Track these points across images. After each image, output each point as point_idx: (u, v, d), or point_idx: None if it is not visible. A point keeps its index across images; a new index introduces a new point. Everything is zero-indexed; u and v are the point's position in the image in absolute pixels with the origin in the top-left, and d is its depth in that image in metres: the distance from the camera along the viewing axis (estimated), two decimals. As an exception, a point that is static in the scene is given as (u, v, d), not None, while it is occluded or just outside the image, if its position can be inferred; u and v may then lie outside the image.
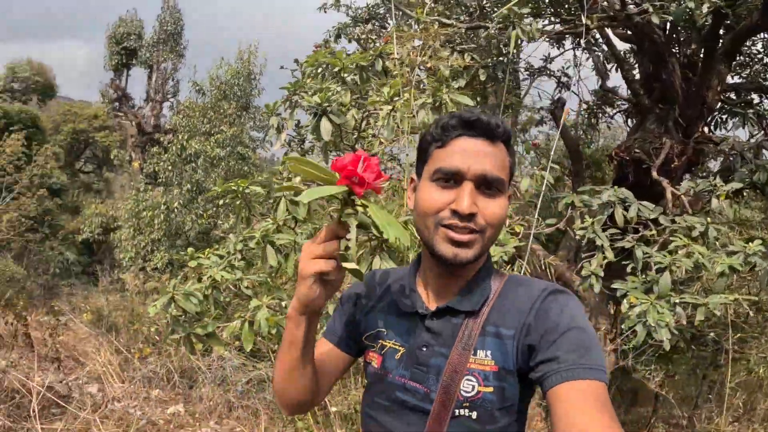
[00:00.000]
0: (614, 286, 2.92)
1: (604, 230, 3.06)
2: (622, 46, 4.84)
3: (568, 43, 5.37)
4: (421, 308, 0.93)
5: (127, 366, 4.31)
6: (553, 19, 3.90)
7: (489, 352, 0.86)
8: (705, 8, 2.37)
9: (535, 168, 3.48)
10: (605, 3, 3.08)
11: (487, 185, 0.87)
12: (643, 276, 2.98)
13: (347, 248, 0.88)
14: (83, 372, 4.29)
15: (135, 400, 3.67)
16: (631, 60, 5.04)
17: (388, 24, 4.48)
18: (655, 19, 2.70)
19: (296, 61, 2.78)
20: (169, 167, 8.56)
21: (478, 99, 3.46)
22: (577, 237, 3.04)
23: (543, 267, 3.49)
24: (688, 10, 2.46)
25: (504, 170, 0.89)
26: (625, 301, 2.73)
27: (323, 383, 1.03)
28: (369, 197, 0.83)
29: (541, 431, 3.49)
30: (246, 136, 9.81)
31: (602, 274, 2.91)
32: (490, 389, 0.85)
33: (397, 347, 0.95)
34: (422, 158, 0.94)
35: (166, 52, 12.92)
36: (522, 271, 2.68)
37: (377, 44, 3.41)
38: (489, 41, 2.86)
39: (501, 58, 3.08)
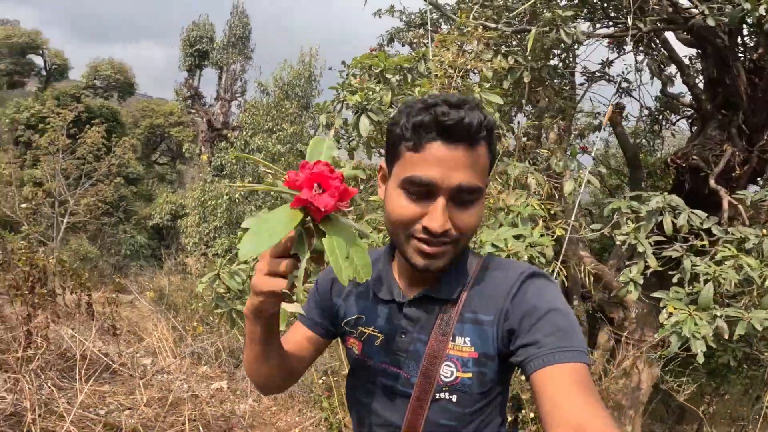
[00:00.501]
0: (655, 295, 2.85)
1: (649, 238, 2.99)
2: (686, 51, 4.65)
3: (629, 47, 5.21)
4: (398, 296, 0.92)
5: (181, 342, 4.62)
6: (608, 21, 3.82)
7: (468, 339, 0.86)
8: (763, 9, 2.27)
9: (581, 172, 3.44)
10: (658, 6, 3.00)
11: (462, 197, 0.81)
12: (690, 287, 2.89)
13: (293, 286, 0.76)
14: (140, 345, 4.64)
15: (183, 373, 3.95)
16: (696, 65, 4.82)
17: (441, 29, 4.55)
18: (711, 22, 2.61)
19: (343, 63, 2.93)
20: (233, 161, 9.04)
21: (523, 102, 3.46)
22: (618, 243, 2.98)
23: (584, 273, 3.43)
24: (744, 12, 2.37)
25: (483, 175, 0.83)
26: (664, 310, 2.66)
27: (298, 366, 1.03)
28: (334, 218, 0.74)
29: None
30: (306, 134, 10.18)
31: (641, 281, 2.84)
32: (469, 375, 0.86)
33: (376, 334, 0.94)
34: (392, 153, 0.85)
35: (234, 54, 13.63)
36: (555, 274, 2.67)
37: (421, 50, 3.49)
38: (534, 44, 2.87)
39: (550, 62, 3.08)
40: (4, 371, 3.17)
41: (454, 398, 0.86)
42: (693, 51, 4.71)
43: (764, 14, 2.24)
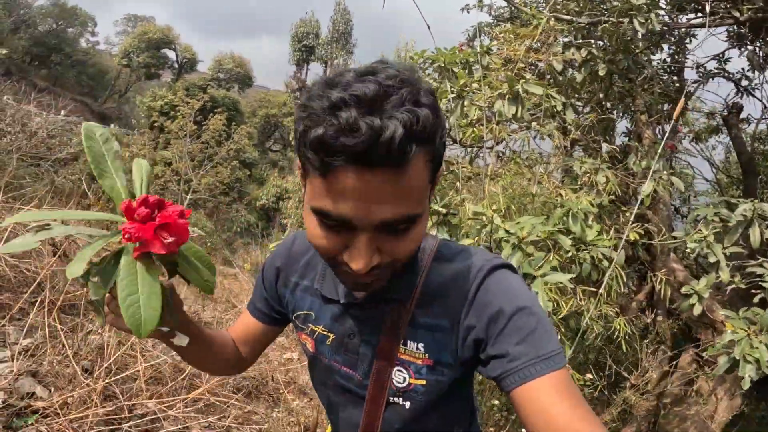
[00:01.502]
0: (721, 312, 2.61)
1: (726, 248, 2.72)
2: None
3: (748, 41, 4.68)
4: (343, 297, 0.84)
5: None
6: (698, 12, 3.49)
7: (421, 345, 0.79)
8: None
9: (664, 172, 3.22)
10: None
11: (392, 228, 0.64)
12: (779, 308, 2.60)
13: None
14: (232, 313, 5.15)
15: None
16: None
17: (529, 23, 4.47)
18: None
19: (411, 57, 3.03)
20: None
21: (602, 96, 3.31)
22: (688, 251, 2.76)
23: (664, 287, 3.17)
24: None
25: (419, 197, 0.64)
26: (727, 330, 2.42)
27: (249, 354, 1.01)
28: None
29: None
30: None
31: (707, 294, 2.62)
32: (423, 382, 0.79)
33: (326, 333, 0.88)
34: (299, 156, 0.65)
35: (337, 49, 14.27)
36: (607, 276, 2.57)
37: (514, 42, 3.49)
38: (610, 36, 2.75)
39: (628, 54, 2.92)
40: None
41: (408, 405, 0.81)
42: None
43: None
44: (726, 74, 5.08)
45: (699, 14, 3.42)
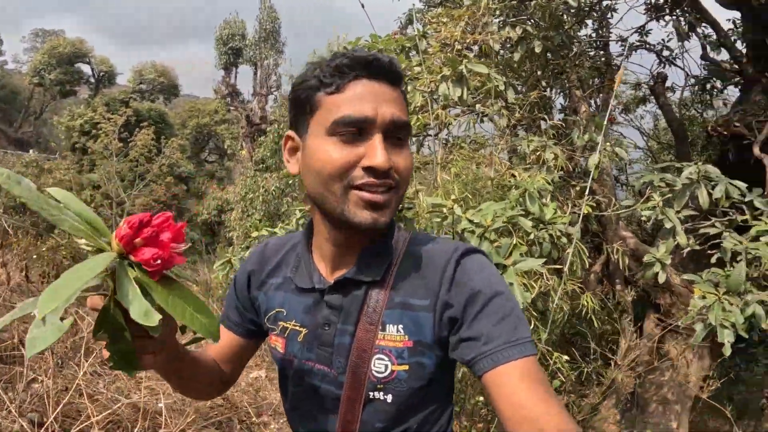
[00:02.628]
0: (685, 277, 2.64)
1: (678, 213, 2.76)
2: (728, 14, 4.27)
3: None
4: (319, 283, 0.83)
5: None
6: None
7: (400, 326, 0.78)
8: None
9: (608, 144, 3.23)
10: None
11: (395, 134, 0.76)
12: (731, 266, 2.65)
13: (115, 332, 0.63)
14: (184, 337, 4.86)
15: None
16: (737, 28, 4.43)
17: (460, 8, 4.41)
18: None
19: (345, 47, 2.87)
20: (268, 154, 9.22)
21: (539, 73, 3.29)
22: (643, 219, 2.78)
23: (619, 255, 3.20)
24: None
25: (407, 113, 0.80)
26: (694, 295, 2.45)
27: (230, 372, 0.97)
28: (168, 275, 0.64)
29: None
30: (341, 124, 10.25)
31: (669, 260, 2.63)
32: (405, 367, 0.77)
33: (298, 328, 0.85)
34: (305, 110, 0.79)
35: (266, 49, 13.85)
36: (570, 253, 2.53)
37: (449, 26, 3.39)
38: (543, 12, 2.71)
39: (560, 30, 2.90)
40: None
41: (389, 398, 0.78)
42: (733, 13, 4.32)
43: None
44: (648, 46, 5.26)
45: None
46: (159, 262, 0.61)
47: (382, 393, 0.78)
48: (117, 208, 11.38)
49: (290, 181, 9.15)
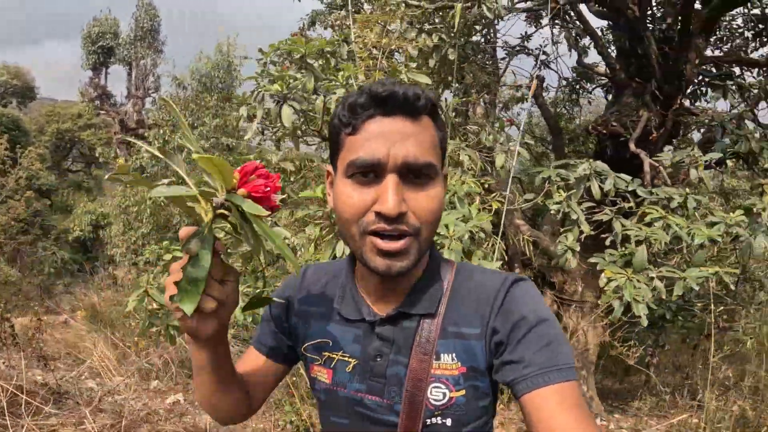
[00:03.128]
0: (592, 260, 2.93)
1: (581, 204, 3.07)
2: (599, 23, 4.80)
3: (545, 21, 5.34)
4: (369, 315, 0.82)
5: (125, 360, 4.35)
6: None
7: (454, 355, 0.79)
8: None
9: (510, 144, 3.47)
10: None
11: (414, 174, 0.73)
12: (623, 249, 3.00)
13: (190, 279, 0.66)
14: (82, 368, 4.34)
15: (134, 392, 3.71)
16: (608, 36, 5.01)
17: (363, 10, 4.43)
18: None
19: (260, 50, 2.74)
20: (152, 161, 8.52)
21: (450, 78, 3.43)
22: (552, 212, 3.03)
23: (523, 242, 3.49)
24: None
25: (433, 150, 0.75)
26: (603, 275, 2.74)
27: (256, 394, 0.94)
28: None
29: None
30: (230, 126, 9.75)
31: (578, 248, 2.91)
32: (462, 392, 0.78)
33: (347, 359, 0.84)
34: (334, 148, 0.79)
35: (144, 48, 12.75)
36: (497, 249, 2.68)
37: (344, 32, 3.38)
38: (458, 21, 2.82)
39: (471, 38, 3.05)
40: None
41: (449, 422, 0.78)
42: (604, 23, 4.88)
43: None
44: (527, 51, 5.74)
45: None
46: (268, 189, 0.67)
47: (440, 418, 0.78)
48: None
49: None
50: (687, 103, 4.62)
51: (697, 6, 4.01)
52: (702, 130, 4.75)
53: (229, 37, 9.30)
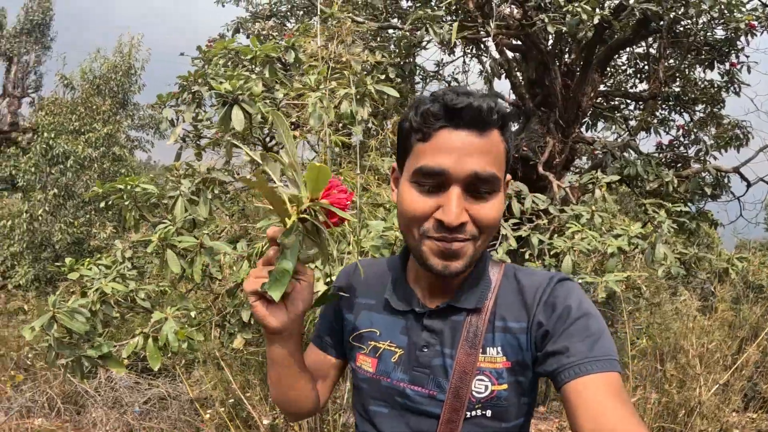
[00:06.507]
0: (518, 271, 3.15)
1: (505, 221, 3.30)
2: (509, 54, 5.24)
3: (458, 50, 5.70)
4: (418, 306, 0.85)
5: (1, 397, 3.74)
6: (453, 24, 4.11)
7: (499, 348, 0.81)
8: (596, 20, 2.64)
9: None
10: (504, 12, 3.31)
11: (477, 185, 0.75)
12: (540, 261, 3.26)
13: (280, 272, 0.74)
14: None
15: (16, 433, 3.20)
16: (516, 68, 5.48)
17: (290, 22, 4.40)
18: (551, 29, 2.95)
19: (199, 48, 2.60)
20: (32, 169, 7.55)
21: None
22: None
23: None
24: (580, 21, 2.72)
25: (499, 163, 0.77)
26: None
27: (322, 389, 0.97)
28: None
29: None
30: (122, 136, 8.97)
31: (509, 260, 3.11)
32: (505, 386, 0.80)
33: (393, 349, 0.86)
34: (402, 149, 0.82)
35: (29, 43, 11.35)
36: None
37: (279, 41, 3.34)
38: (399, 42, 2.92)
39: (408, 59, 3.17)
40: None
41: (489, 413, 0.80)
42: (514, 54, 5.33)
43: (595, 23, 2.60)
44: (440, 77, 6.08)
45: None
46: (348, 202, 0.74)
47: (480, 410, 0.80)
48: None
49: (60, 204, 7.62)
50: (582, 131, 5.18)
51: (597, 46, 4.55)
52: (589, 157, 5.35)
53: (132, 37, 8.63)
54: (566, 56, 4.61)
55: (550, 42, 4.30)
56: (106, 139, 8.12)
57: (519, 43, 4.35)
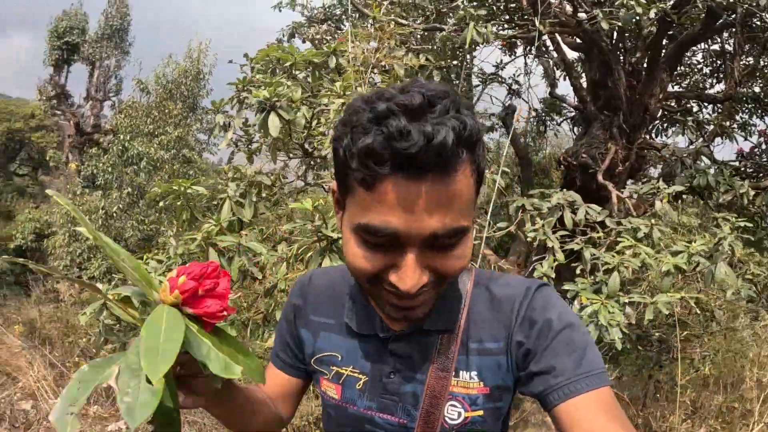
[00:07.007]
0: (565, 287, 2.97)
1: (553, 233, 3.11)
2: (571, 54, 4.99)
3: (519, 50, 5.50)
4: (382, 331, 0.77)
5: (63, 381, 4.06)
6: (506, 24, 3.96)
7: (473, 373, 0.75)
8: (652, 13, 2.44)
9: (486, 172, 3.50)
10: (558, 9, 3.14)
11: (441, 242, 0.62)
12: (592, 277, 3.05)
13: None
14: (16, 388, 4.01)
15: (73, 417, 3.44)
16: (579, 68, 5.21)
17: (344, 25, 4.42)
18: (605, 25, 2.76)
19: (246, 56, 2.66)
20: (109, 169, 8.13)
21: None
22: (528, 239, 3.06)
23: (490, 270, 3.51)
24: (636, 16, 2.53)
25: (467, 207, 0.63)
26: (575, 302, 2.77)
27: (285, 408, 0.92)
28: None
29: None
30: (192, 139, 9.46)
31: (553, 275, 2.94)
32: (480, 413, 0.75)
33: (356, 375, 0.80)
34: (340, 179, 0.66)
35: (110, 48, 12.31)
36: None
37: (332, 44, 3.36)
38: (444, 43, 2.84)
39: (455, 62, 3.08)
40: None
41: None
42: (576, 54, 5.07)
43: (654, 17, 2.41)
44: (500, 79, 5.89)
45: (502, 26, 3.83)
46: (225, 314, 0.60)
47: None
48: None
49: (133, 202, 8.15)
50: (649, 137, 4.83)
51: (665, 41, 4.23)
52: (660, 165, 4.97)
53: (201, 43, 9.10)
54: (631, 55, 4.31)
55: (613, 39, 4.04)
56: (177, 141, 8.61)
57: (579, 41, 4.13)
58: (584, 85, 4.73)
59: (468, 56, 5.16)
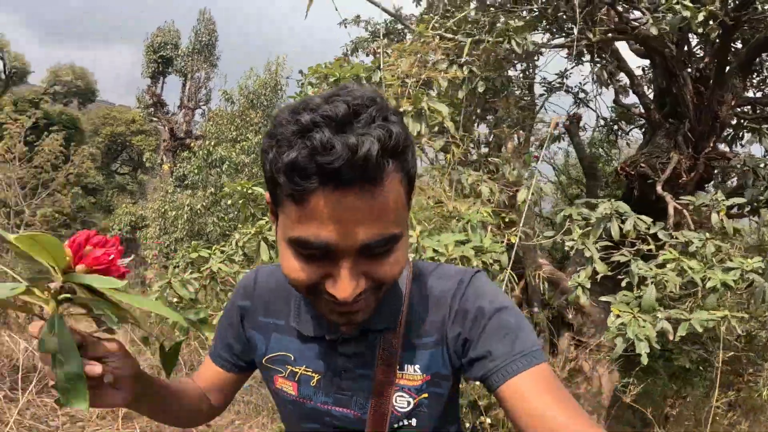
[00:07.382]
0: (602, 299, 2.94)
1: (596, 243, 3.08)
2: (640, 62, 4.85)
3: (587, 58, 5.39)
4: (329, 333, 0.80)
5: (140, 356, 4.54)
6: (557, 33, 3.95)
7: (417, 367, 0.79)
8: (701, 17, 2.38)
9: (534, 179, 3.53)
10: (604, 16, 3.12)
11: (374, 249, 0.63)
12: (639, 291, 2.99)
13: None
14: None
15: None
16: (648, 75, 5.03)
17: (406, 40, 4.62)
18: (654, 31, 2.72)
19: (301, 72, 2.93)
20: (195, 171, 8.91)
21: (478, 111, 3.54)
22: (566, 248, 3.07)
23: (538, 278, 3.51)
24: (684, 19, 2.47)
25: (397, 215, 0.63)
26: (612, 314, 2.74)
27: (220, 401, 0.95)
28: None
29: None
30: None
31: (589, 285, 2.92)
32: (425, 395, 0.80)
33: (310, 374, 0.82)
34: (270, 190, 0.66)
35: (200, 61, 13.46)
36: (505, 280, 2.72)
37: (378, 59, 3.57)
38: (488, 54, 2.95)
39: (502, 72, 3.16)
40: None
41: (414, 422, 0.80)
42: (645, 62, 4.91)
43: (702, 20, 2.35)
44: (566, 88, 5.79)
45: (554, 35, 3.84)
46: (112, 257, 0.63)
47: (406, 420, 0.80)
48: (15, 218, 10.41)
49: (215, 200, 8.87)
50: (722, 146, 4.55)
51: (738, 45, 3.99)
52: (734, 176, 4.66)
53: (278, 57, 9.77)
54: (698, 61, 4.11)
55: (676, 44, 3.90)
56: (257, 147, 9.27)
57: (643, 48, 4.02)
58: (650, 92, 4.58)
59: (529, 65, 5.17)
